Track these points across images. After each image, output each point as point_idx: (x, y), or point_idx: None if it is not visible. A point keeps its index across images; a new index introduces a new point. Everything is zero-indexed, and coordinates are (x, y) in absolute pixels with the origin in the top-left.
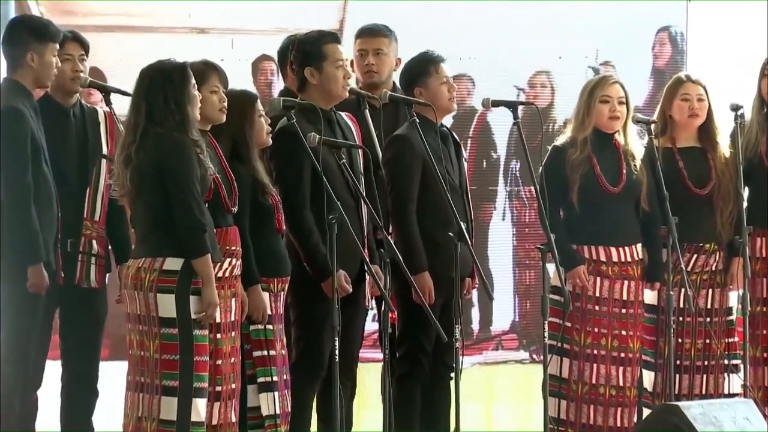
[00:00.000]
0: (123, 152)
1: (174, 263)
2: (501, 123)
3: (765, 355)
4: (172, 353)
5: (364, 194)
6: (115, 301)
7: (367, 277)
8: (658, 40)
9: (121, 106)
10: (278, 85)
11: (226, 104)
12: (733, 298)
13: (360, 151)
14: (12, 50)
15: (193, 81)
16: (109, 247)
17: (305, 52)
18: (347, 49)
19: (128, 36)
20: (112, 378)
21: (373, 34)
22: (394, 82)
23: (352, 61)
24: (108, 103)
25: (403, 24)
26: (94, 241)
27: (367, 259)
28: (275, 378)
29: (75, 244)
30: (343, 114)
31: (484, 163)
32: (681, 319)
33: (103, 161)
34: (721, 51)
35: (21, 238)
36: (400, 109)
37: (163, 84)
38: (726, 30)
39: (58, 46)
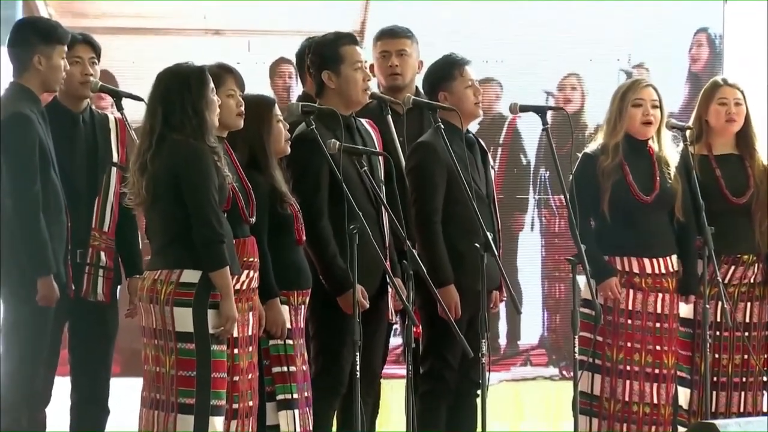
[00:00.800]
0: (138, 159)
1: (191, 276)
2: (530, 129)
3: None
4: (189, 369)
5: (385, 203)
6: (125, 315)
7: (390, 290)
8: (695, 42)
9: (133, 111)
10: (297, 89)
11: (243, 109)
12: None
13: (381, 158)
14: (18, 53)
15: (212, 86)
16: (119, 259)
17: (322, 55)
18: (367, 52)
19: (140, 38)
20: (124, 395)
21: (396, 35)
22: (416, 87)
23: (371, 66)
24: (119, 108)
25: (427, 26)
26: (102, 253)
27: (390, 272)
28: (295, 395)
29: (84, 255)
30: (363, 120)
31: (515, 171)
32: (718, 333)
33: (113, 169)
34: (759, 54)
35: (30, 249)
36: (424, 114)
37: (181, 88)
38: (765, 32)
39: (66, 49)
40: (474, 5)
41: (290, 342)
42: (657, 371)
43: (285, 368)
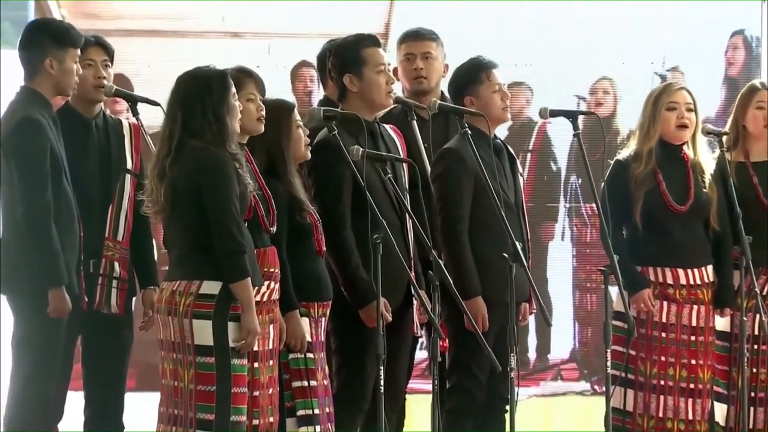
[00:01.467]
0: (157, 166)
1: (211, 287)
2: (561, 135)
3: None
4: (208, 384)
5: (410, 211)
6: (139, 328)
7: (415, 302)
8: (731, 44)
9: (150, 116)
10: (318, 93)
11: (264, 113)
12: None
13: (405, 165)
14: (29, 56)
15: (234, 90)
16: (134, 269)
17: (343, 58)
18: (391, 56)
19: (157, 41)
20: (139, 411)
21: (420, 37)
22: (442, 91)
23: (395, 69)
24: (135, 113)
25: (453, 28)
26: (116, 263)
27: (415, 283)
28: (317, 410)
29: (98, 266)
30: (387, 126)
31: (545, 178)
32: (756, 347)
33: (127, 176)
34: None
35: (41, 260)
36: (449, 119)
37: (201, 93)
38: None
39: (79, 52)
40: (503, 6)
41: (311, 356)
42: (692, 386)
43: (305, 383)
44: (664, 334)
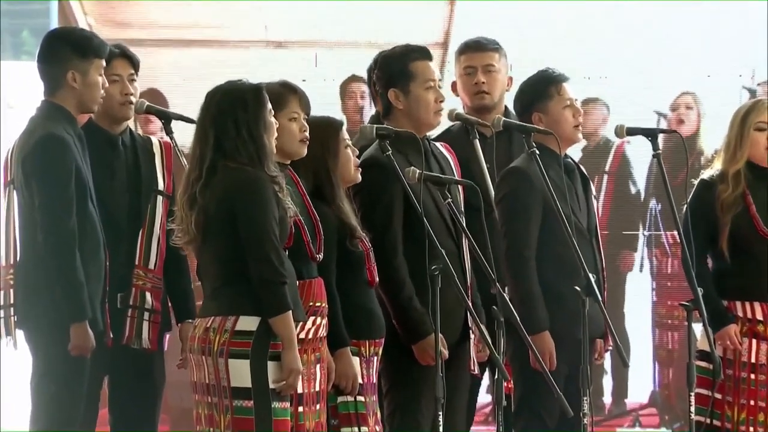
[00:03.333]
0: (187, 191)
1: (249, 323)
2: (639, 155)
3: None
4: (247, 430)
5: (471, 239)
6: (177, 367)
7: (472, 336)
8: None
9: (183, 135)
10: (370, 110)
11: (308, 134)
12: None
13: (461, 187)
14: (50, 69)
15: (270, 106)
16: (168, 301)
17: (389, 72)
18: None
19: (193, 51)
20: None
21: (482, 49)
22: (506, 107)
23: (454, 83)
24: (168, 131)
25: (519, 38)
26: (148, 294)
27: (475, 316)
28: None
29: (126, 298)
30: (438, 144)
31: (620, 203)
32: None
33: (159, 198)
34: None
35: (63, 292)
36: (513, 138)
37: (235, 109)
38: None
39: (104, 63)
40: (575, 13)
41: (361, 399)
42: None
43: (356, 429)
44: (753, 376)
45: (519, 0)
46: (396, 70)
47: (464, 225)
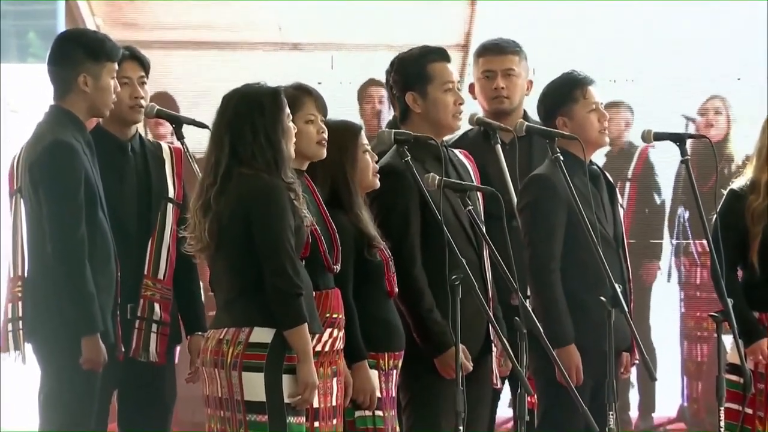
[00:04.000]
0: (201, 198)
1: (263, 335)
2: (666, 161)
3: None
4: None
5: (493, 248)
6: (186, 380)
7: (494, 349)
8: None
9: (195, 140)
10: (388, 114)
11: (326, 135)
12: None
13: (480, 194)
14: (61, 72)
15: (288, 110)
16: (178, 312)
17: (406, 74)
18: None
19: (205, 54)
20: None
21: (501, 52)
22: (525, 111)
23: (471, 85)
24: (179, 136)
25: (541, 40)
26: (156, 305)
27: (497, 328)
28: None
29: (135, 309)
30: (455, 150)
31: (646, 211)
32: None
33: (169, 206)
34: None
35: (73, 304)
36: (533, 143)
37: (252, 114)
38: None
39: (116, 66)
40: (600, 14)
41: (380, 413)
42: None
43: None
44: None
45: (542, 0)
46: (413, 72)
47: (485, 233)
